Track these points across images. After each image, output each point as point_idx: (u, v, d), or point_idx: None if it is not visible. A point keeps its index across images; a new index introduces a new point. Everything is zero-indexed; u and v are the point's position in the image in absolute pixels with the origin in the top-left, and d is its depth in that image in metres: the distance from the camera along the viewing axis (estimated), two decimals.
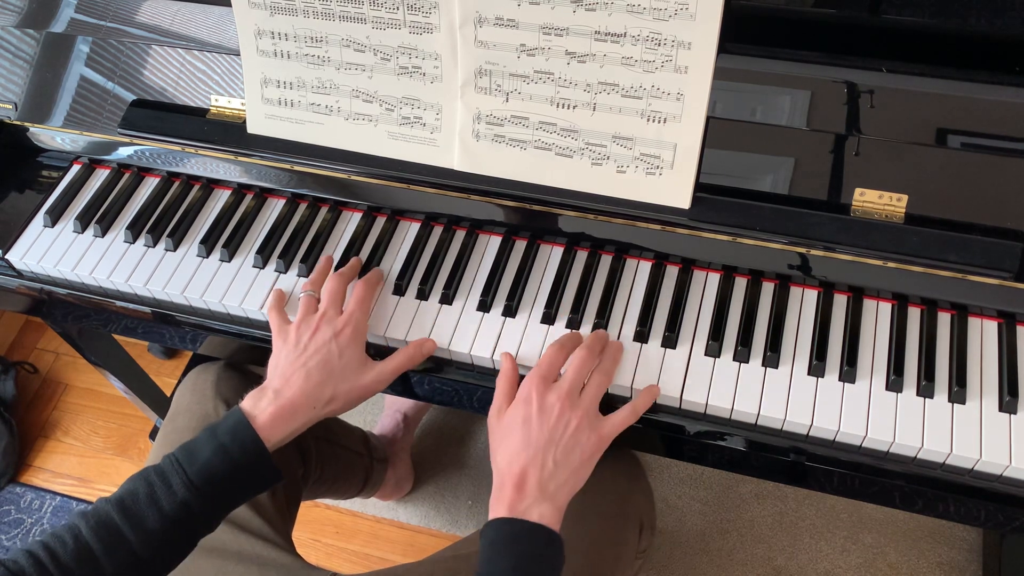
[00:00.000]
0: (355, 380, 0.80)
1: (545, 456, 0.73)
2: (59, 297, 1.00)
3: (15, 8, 1.02)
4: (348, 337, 0.81)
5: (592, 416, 0.76)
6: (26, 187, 1.05)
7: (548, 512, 0.71)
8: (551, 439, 0.73)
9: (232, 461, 0.74)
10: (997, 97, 0.75)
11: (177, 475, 0.72)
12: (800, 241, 0.80)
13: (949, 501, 0.80)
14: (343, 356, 0.80)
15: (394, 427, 1.51)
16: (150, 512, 0.71)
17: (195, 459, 0.73)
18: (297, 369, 0.79)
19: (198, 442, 0.75)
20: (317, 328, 0.81)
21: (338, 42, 0.85)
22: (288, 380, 0.78)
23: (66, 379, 1.81)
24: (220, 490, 0.74)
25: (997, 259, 0.75)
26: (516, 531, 0.70)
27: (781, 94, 0.80)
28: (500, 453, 0.75)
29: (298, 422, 0.78)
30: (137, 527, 0.70)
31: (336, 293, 0.84)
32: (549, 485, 0.72)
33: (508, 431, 0.75)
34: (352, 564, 1.51)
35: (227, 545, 0.90)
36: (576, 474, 0.74)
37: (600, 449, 0.76)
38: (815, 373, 0.79)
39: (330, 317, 0.82)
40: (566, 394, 0.75)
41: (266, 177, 0.97)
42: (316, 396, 0.78)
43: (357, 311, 0.83)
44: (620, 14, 0.75)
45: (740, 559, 1.42)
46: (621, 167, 0.82)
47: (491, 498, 0.74)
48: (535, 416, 0.74)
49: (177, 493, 0.71)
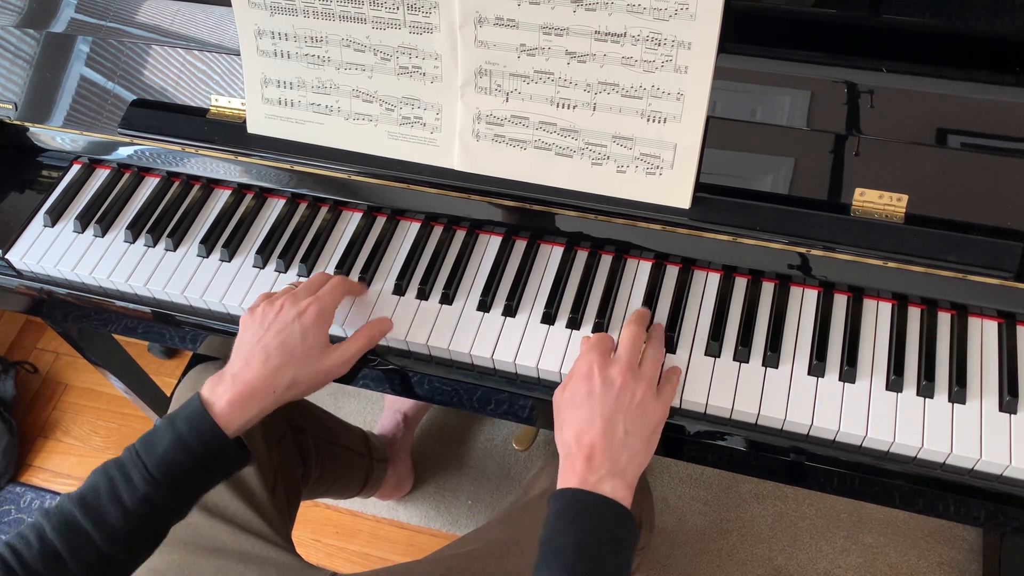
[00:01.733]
0: (316, 364, 0.79)
1: (615, 425, 0.71)
2: (59, 297, 1.00)
3: (15, 8, 1.02)
4: (312, 318, 0.79)
5: (654, 387, 0.75)
6: (26, 187, 1.05)
7: (620, 488, 0.69)
8: (618, 407, 0.72)
9: (191, 451, 0.72)
10: (997, 97, 0.75)
11: (137, 468, 0.71)
12: (800, 241, 0.80)
13: (949, 501, 0.80)
14: (306, 338, 0.78)
15: (394, 427, 1.51)
16: (112, 508, 0.69)
17: (154, 451, 0.71)
18: (257, 351, 0.77)
19: (157, 432, 0.73)
20: (281, 307, 0.79)
21: (338, 42, 0.85)
22: (248, 363, 0.76)
23: (66, 379, 1.81)
24: (181, 481, 0.72)
25: (997, 259, 0.75)
26: (584, 503, 0.68)
27: (781, 94, 0.80)
28: (566, 428, 0.73)
29: (258, 406, 0.76)
30: (100, 524, 0.69)
31: (313, 282, 0.84)
32: (621, 457, 0.70)
33: (573, 406, 0.73)
34: (352, 564, 1.51)
35: (227, 545, 0.90)
36: (647, 443, 0.73)
37: (662, 421, 0.75)
38: (815, 373, 0.79)
39: (296, 298, 0.80)
40: (627, 366, 0.74)
41: (266, 177, 0.97)
42: (276, 380, 0.76)
43: (326, 295, 0.81)
44: (620, 14, 0.75)
45: (740, 559, 1.42)
46: (621, 167, 0.82)
47: (559, 473, 0.72)
48: (599, 388, 0.73)
49: (138, 488, 0.70)
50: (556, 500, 0.70)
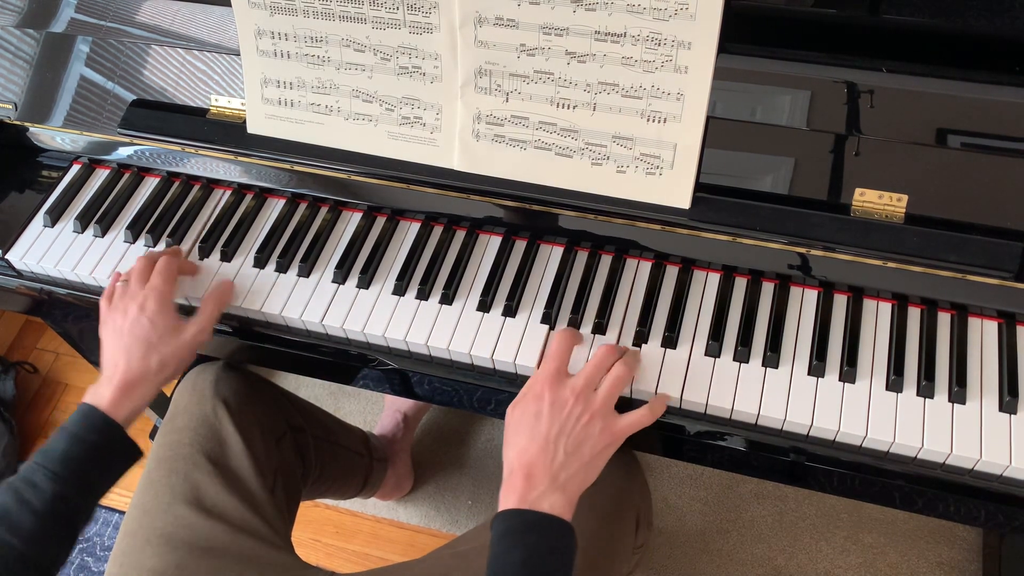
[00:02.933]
0: (175, 342, 0.85)
1: (556, 447, 0.73)
2: (59, 297, 1.00)
3: (15, 8, 1.02)
4: (154, 307, 0.85)
5: (606, 412, 0.76)
6: (26, 187, 1.05)
7: (559, 502, 0.71)
8: (562, 430, 0.73)
9: (88, 443, 0.78)
10: (997, 97, 0.75)
11: (40, 473, 0.76)
12: (800, 241, 0.80)
13: (949, 501, 0.80)
14: (156, 326, 0.84)
15: (394, 427, 1.51)
16: (24, 515, 0.74)
17: (52, 455, 0.77)
18: (120, 352, 0.84)
19: (51, 442, 0.79)
20: (125, 309, 0.86)
21: (338, 42, 0.85)
22: (116, 365, 0.83)
23: (66, 379, 1.81)
24: (86, 474, 0.78)
25: (997, 259, 0.75)
26: (527, 522, 0.70)
27: (781, 94, 0.80)
28: (511, 446, 0.75)
29: (139, 394, 0.83)
30: (16, 532, 0.73)
31: (139, 272, 0.88)
32: (560, 475, 0.72)
33: (519, 425, 0.75)
34: (352, 564, 1.51)
35: (226, 546, 0.90)
36: (587, 467, 0.74)
37: (612, 445, 0.75)
38: (815, 373, 0.79)
39: (133, 293, 0.87)
40: (580, 389, 0.75)
41: (266, 177, 0.97)
42: (145, 367, 0.83)
43: (157, 279, 0.87)
44: (620, 14, 0.75)
45: (740, 559, 1.42)
46: (621, 167, 0.82)
47: (501, 490, 0.73)
48: (546, 410, 0.74)
49: (45, 489, 0.75)
50: (499, 522, 0.71)
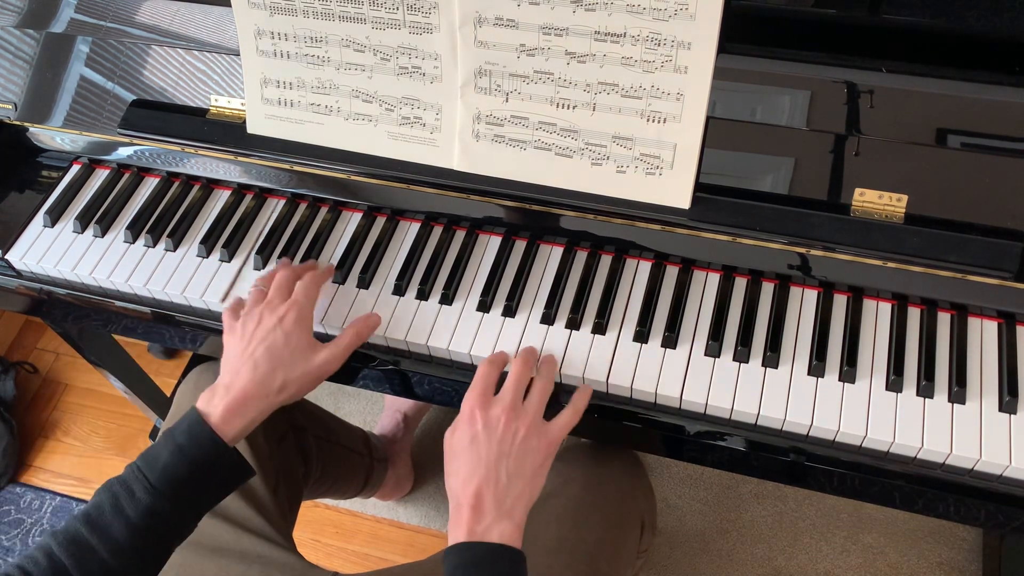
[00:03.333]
0: (304, 364, 0.80)
1: (498, 471, 0.72)
2: (59, 297, 1.00)
3: (15, 8, 1.02)
4: (292, 322, 0.80)
5: (538, 422, 0.76)
6: (26, 187, 1.05)
7: (508, 530, 0.70)
8: (500, 452, 0.73)
9: (191, 460, 0.74)
10: (997, 97, 0.75)
11: (139, 482, 0.72)
12: (800, 241, 0.80)
13: (949, 501, 0.80)
14: (289, 342, 0.79)
15: (394, 427, 1.51)
16: (116, 522, 0.71)
17: (155, 464, 0.73)
18: (245, 361, 0.79)
19: (157, 447, 0.75)
20: (261, 318, 0.81)
21: (338, 42, 0.85)
22: (237, 373, 0.78)
23: (66, 379, 1.81)
24: (185, 491, 0.74)
25: (997, 259, 0.75)
26: (478, 555, 0.70)
27: (781, 94, 0.80)
28: (452, 476, 0.74)
29: (253, 412, 0.78)
30: (105, 539, 0.70)
31: (282, 282, 0.84)
32: (506, 500, 0.72)
33: (457, 453, 0.75)
34: (352, 564, 1.51)
35: (229, 545, 0.90)
36: (531, 483, 0.74)
37: (550, 454, 0.76)
38: (815, 373, 0.79)
39: (273, 306, 0.82)
40: (509, 405, 0.75)
41: (266, 177, 0.97)
42: (267, 384, 0.78)
43: (301, 296, 0.83)
44: (620, 14, 0.75)
45: (740, 559, 1.42)
46: (621, 167, 0.82)
47: (449, 522, 0.73)
48: (481, 433, 0.74)
49: (141, 500, 0.71)
50: (451, 556, 0.71)
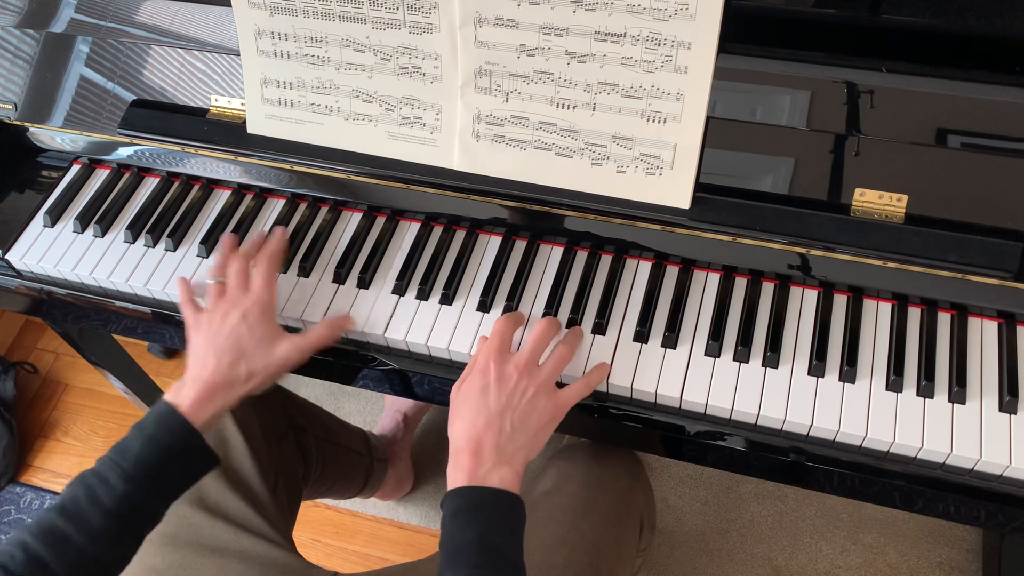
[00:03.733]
0: (270, 355, 0.82)
1: (502, 420, 0.73)
2: (59, 297, 1.00)
3: (15, 8, 1.02)
4: (256, 316, 0.82)
5: (550, 385, 0.77)
6: (26, 187, 1.05)
7: (508, 476, 0.71)
8: (508, 404, 0.74)
9: (164, 447, 0.75)
10: (997, 97, 0.75)
11: (113, 471, 0.73)
12: (800, 241, 0.80)
13: (949, 501, 0.80)
14: (254, 334, 0.81)
15: (394, 427, 1.51)
16: (92, 511, 0.72)
17: (128, 453, 0.74)
18: (211, 353, 0.80)
19: (128, 439, 0.76)
20: (225, 312, 0.83)
21: (338, 42, 0.85)
22: (204, 365, 0.80)
23: (66, 379, 1.81)
24: (158, 478, 0.75)
25: (997, 259, 0.75)
26: (479, 498, 0.70)
27: (781, 94, 0.80)
28: (456, 422, 0.75)
29: (220, 401, 0.79)
30: (81, 528, 0.71)
31: (240, 274, 0.86)
32: (507, 448, 0.73)
33: (465, 400, 0.76)
34: (352, 564, 1.51)
35: (229, 544, 0.90)
36: (533, 439, 0.75)
37: (555, 418, 0.76)
38: (815, 373, 0.79)
39: (236, 299, 0.83)
40: (524, 363, 0.76)
41: (266, 177, 0.97)
42: (233, 375, 0.80)
43: (262, 289, 0.84)
44: (620, 14, 0.75)
45: (740, 559, 1.42)
46: (621, 167, 0.82)
47: (448, 467, 0.74)
48: (492, 384, 0.75)
49: (116, 488, 0.72)
50: (450, 500, 0.71)
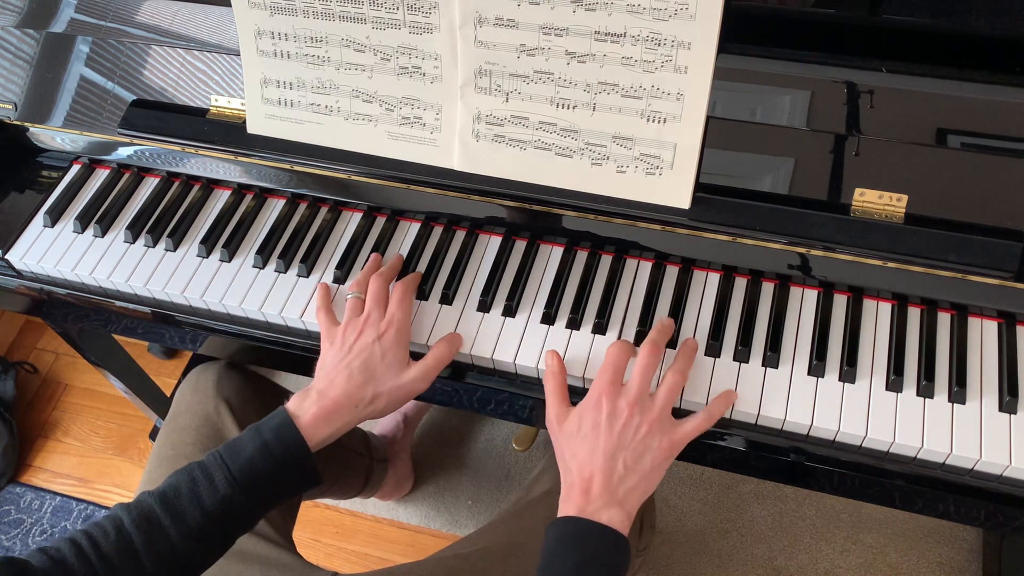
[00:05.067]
0: (397, 380, 0.81)
1: (615, 461, 0.72)
2: (59, 297, 1.00)
3: (15, 8, 1.02)
4: (391, 339, 0.82)
5: (664, 420, 0.75)
6: (26, 187, 1.05)
7: (617, 516, 0.71)
8: (620, 444, 0.73)
9: (275, 459, 0.75)
10: (997, 97, 0.75)
11: (220, 470, 0.73)
12: (800, 241, 0.80)
13: (949, 501, 0.80)
14: (386, 357, 0.81)
15: (394, 427, 1.51)
16: (191, 506, 0.71)
17: (238, 456, 0.74)
18: (341, 370, 0.80)
19: (242, 440, 0.75)
20: (361, 331, 0.82)
21: (338, 42, 0.85)
22: (332, 381, 0.79)
23: (66, 379, 1.81)
24: (261, 487, 0.74)
25: (997, 259, 0.75)
26: (584, 531, 0.70)
27: (781, 94, 0.80)
28: (570, 459, 0.74)
29: (341, 421, 0.79)
30: (178, 520, 0.71)
31: (379, 294, 0.85)
32: (619, 490, 0.72)
33: (577, 436, 0.74)
34: (352, 564, 1.51)
35: None
36: (647, 479, 0.73)
37: (671, 454, 0.75)
38: (815, 373, 0.79)
39: (374, 320, 0.83)
40: (635, 399, 0.74)
41: (266, 177, 0.97)
42: (358, 396, 0.79)
43: (398, 312, 0.83)
44: (620, 14, 0.75)
45: (740, 559, 1.42)
46: (621, 167, 0.82)
47: (560, 498, 0.74)
48: (604, 422, 0.74)
49: (219, 488, 0.72)
50: (556, 528, 0.71)
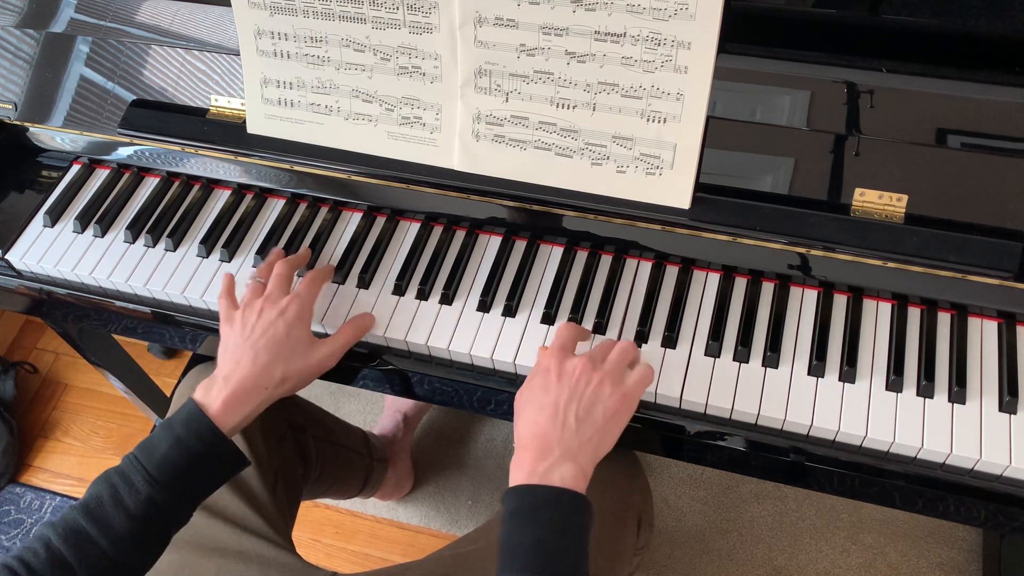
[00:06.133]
0: (305, 359, 0.80)
1: (566, 413, 0.70)
2: (59, 297, 1.00)
3: (15, 8, 1.02)
4: (294, 315, 0.80)
5: (615, 375, 0.73)
6: (26, 187, 1.05)
7: (570, 473, 0.68)
8: (571, 395, 0.71)
9: (190, 451, 0.74)
10: (997, 97, 0.75)
11: (138, 473, 0.72)
12: (800, 241, 0.80)
13: (949, 501, 0.80)
14: (290, 335, 0.80)
15: (394, 427, 1.51)
16: (116, 513, 0.71)
17: (153, 455, 0.73)
18: (245, 352, 0.78)
19: (155, 438, 0.74)
20: (262, 309, 0.81)
21: (338, 42, 0.85)
22: (237, 363, 0.78)
23: (66, 379, 1.81)
24: (183, 482, 0.73)
25: (997, 259, 0.75)
26: (538, 499, 0.67)
27: (781, 94, 0.80)
28: (520, 423, 0.73)
29: (252, 404, 0.78)
30: (105, 529, 0.70)
31: (283, 277, 0.84)
32: (571, 443, 0.69)
33: (528, 400, 0.73)
34: (352, 564, 1.51)
35: (228, 544, 0.90)
36: (602, 432, 0.71)
37: (625, 408, 0.73)
38: (815, 373, 0.79)
39: (275, 298, 0.82)
40: (588, 358, 0.74)
41: (266, 177, 0.97)
42: (266, 376, 0.78)
43: (303, 291, 0.83)
44: (620, 14, 0.75)
45: (740, 559, 1.42)
46: (621, 167, 0.82)
47: (511, 464, 0.71)
48: (554, 379, 0.73)
49: (141, 491, 0.71)
50: (509, 499, 0.68)
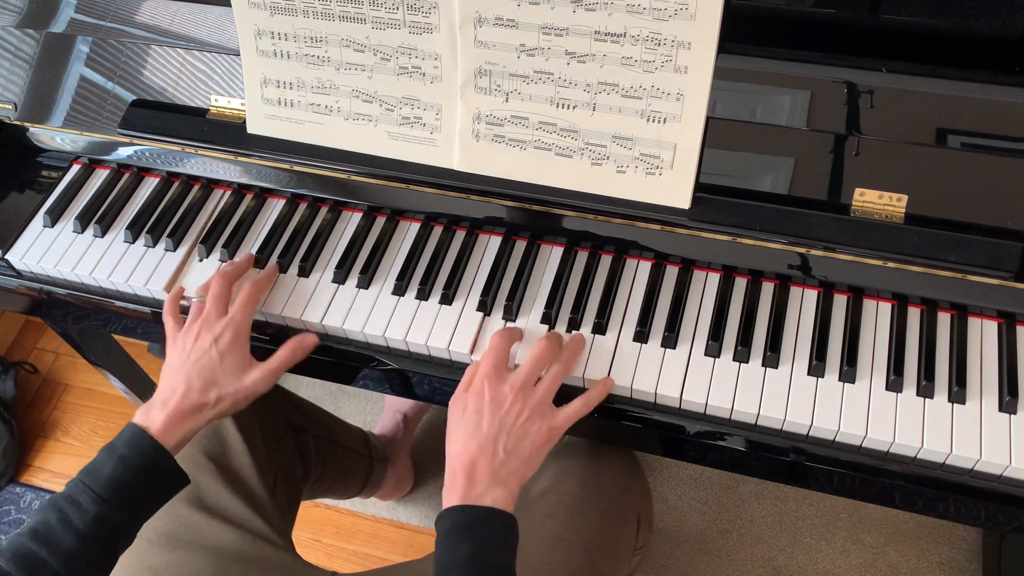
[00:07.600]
0: (238, 382, 0.82)
1: (496, 445, 0.74)
2: (59, 297, 1.00)
3: (15, 8, 1.02)
4: (227, 341, 0.82)
5: (544, 407, 0.77)
6: (26, 187, 1.05)
7: (501, 496, 0.72)
8: (501, 429, 0.75)
9: (135, 468, 0.76)
10: (997, 97, 0.75)
11: (85, 494, 0.74)
12: (800, 241, 0.80)
13: (949, 501, 0.80)
14: (224, 361, 0.82)
15: (394, 427, 1.51)
16: (65, 533, 0.72)
17: (99, 476, 0.75)
18: (180, 380, 0.81)
19: (98, 462, 0.76)
20: (199, 334, 0.83)
21: (338, 42, 0.85)
22: (173, 390, 0.80)
23: (66, 379, 1.81)
24: (131, 499, 0.76)
25: (997, 259, 0.75)
26: (471, 518, 0.71)
27: (781, 94, 0.80)
28: (452, 443, 0.76)
29: (191, 425, 0.80)
30: (55, 550, 0.71)
31: (218, 296, 0.85)
32: (501, 472, 0.73)
33: (461, 422, 0.76)
34: (352, 564, 1.51)
35: (227, 544, 0.90)
36: (527, 463, 0.75)
37: (551, 439, 0.77)
38: (815, 373, 0.79)
39: (210, 323, 0.83)
40: (519, 386, 0.76)
41: (266, 177, 0.97)
42: (201, 401, 0.81)
43: (238, 314, 0.84)
44: (620, 14, 0.75)
45: (740, 559, 1.42)
46: (621, 167, 0.82)
47: (444, 490, 0.75)
48: (487, 407, 0.75)
49: (89, 510, 0.73)
50: (444, 520, 0.72)
